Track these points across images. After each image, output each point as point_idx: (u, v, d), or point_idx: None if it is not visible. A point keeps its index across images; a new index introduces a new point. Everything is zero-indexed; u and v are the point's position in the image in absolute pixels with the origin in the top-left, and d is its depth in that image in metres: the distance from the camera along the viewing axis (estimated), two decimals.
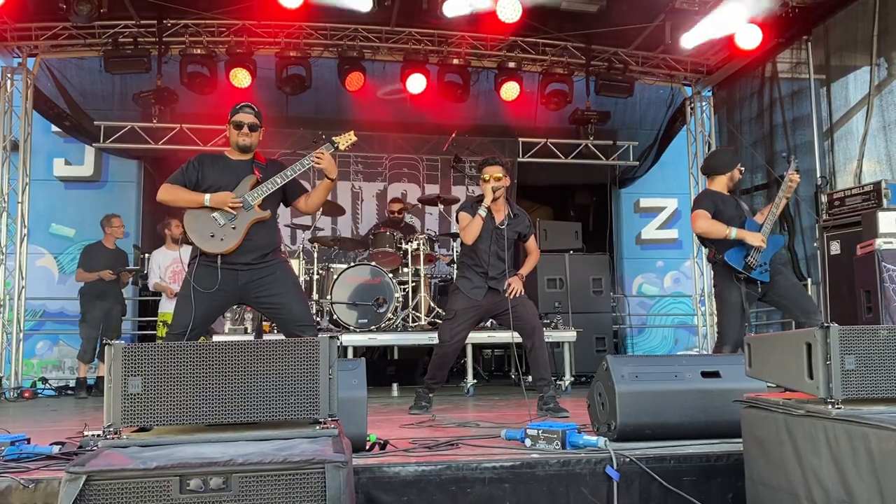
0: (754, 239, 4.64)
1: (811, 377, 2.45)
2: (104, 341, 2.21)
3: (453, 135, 8.75)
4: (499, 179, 4.83)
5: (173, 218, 7.23)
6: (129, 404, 2.16)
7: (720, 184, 4.90)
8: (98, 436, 2.13)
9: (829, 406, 2.36)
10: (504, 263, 4.93)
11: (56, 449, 3.01)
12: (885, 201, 5.76)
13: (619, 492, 2.85)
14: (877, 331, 2.42)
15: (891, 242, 5.41)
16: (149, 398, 2.18)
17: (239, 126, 4.08)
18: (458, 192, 10.13)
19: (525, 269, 5.05)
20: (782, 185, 4.82)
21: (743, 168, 5.02)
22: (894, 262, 5.36)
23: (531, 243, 5.14)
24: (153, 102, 8.37)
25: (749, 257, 4.64)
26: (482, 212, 4.79)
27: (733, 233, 4.67)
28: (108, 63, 8.06)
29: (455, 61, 8.76)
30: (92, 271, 7.47)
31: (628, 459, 2.92)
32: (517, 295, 4.85)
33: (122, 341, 2.26)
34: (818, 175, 7.27)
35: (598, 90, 8.87)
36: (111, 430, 2.14)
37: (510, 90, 8.80)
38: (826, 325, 2.42)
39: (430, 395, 5.04)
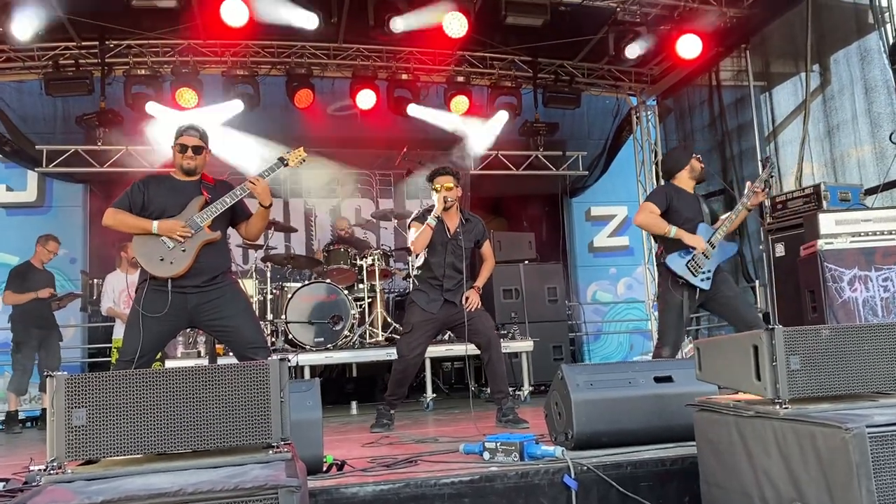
0: (693, 241, 4.47)
1: (759, 378, 2.50)
2: (45, 372, 2.13)
3: (405, 149, 8.75)
4: (450, 189, 4.78)
5: (128, 241, 7.01)
6: (74, 437, 2.09)
7: (683, 181, 4.74)
8: (42, 471, 2.06)
9: (777, 406, 2.41)
10: (460, 274, 4.88)
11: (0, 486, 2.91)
12: (824, 203, 5.91)
13: (578, 500, 2.87)
14: (819, 331, 2.48)
15: (832, 243, 5.55)
16: (94, 430, 2.11)
17: (183, 149, 4.01)
18: (412, 206, 10.11)
19: (481, 280, 5.01)
20: (745, 193, 4.65)
21: (700, 157, 4.78)
22: (836, 262, 5.51)
23: (486, 249, 5.08)
24: (97, 125, 8.21)
25: (691, 262, 4.47)
26: (432, 221, 4.73)
27: (672, 231, 4.51)
28: (48, 85, 7.89)
29: (404, 76, 8.78)
30: (26, 292, 7.09)
31: (586, 468, 2.93)
32: (474, 308, 4.83)
33: (66, 372, 2.19)
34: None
35: (546, 102, 9.00)
36: (55, 464, 2.07)
37: (460, 104, 8.86)
38: (771, 327, 2.48)
39: (392, 411, 4.98)
